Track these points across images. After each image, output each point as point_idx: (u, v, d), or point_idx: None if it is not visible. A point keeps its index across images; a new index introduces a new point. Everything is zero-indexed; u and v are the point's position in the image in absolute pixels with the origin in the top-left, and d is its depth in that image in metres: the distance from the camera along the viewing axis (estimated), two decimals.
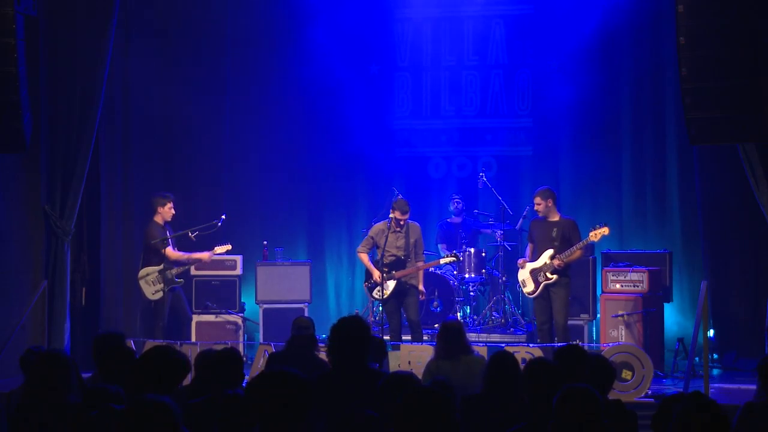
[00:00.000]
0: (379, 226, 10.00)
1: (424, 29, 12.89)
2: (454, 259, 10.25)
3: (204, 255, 10.66)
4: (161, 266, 10.41)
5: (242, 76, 12.59)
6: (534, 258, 9.75)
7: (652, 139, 11.88)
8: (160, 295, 10.37)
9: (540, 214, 9.72)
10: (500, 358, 5.51)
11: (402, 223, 9.81)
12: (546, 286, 9.58)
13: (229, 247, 10.81)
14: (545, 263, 9.55)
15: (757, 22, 8.23)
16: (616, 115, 12.10)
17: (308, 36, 12.44)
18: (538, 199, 9.67)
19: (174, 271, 10.56)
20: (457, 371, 6.60)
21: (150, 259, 10.53)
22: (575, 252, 9.51)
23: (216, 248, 10.77)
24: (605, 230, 9.45)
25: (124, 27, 11.10)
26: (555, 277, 9.52)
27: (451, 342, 6.81)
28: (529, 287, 9.71)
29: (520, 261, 9.90)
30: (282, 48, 12.59)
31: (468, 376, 6.54)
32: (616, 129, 12.10)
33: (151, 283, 10.47)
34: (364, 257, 10.03)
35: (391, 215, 9.82)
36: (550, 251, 9.54)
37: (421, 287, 10.00)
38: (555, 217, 9.71)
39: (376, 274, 9.79)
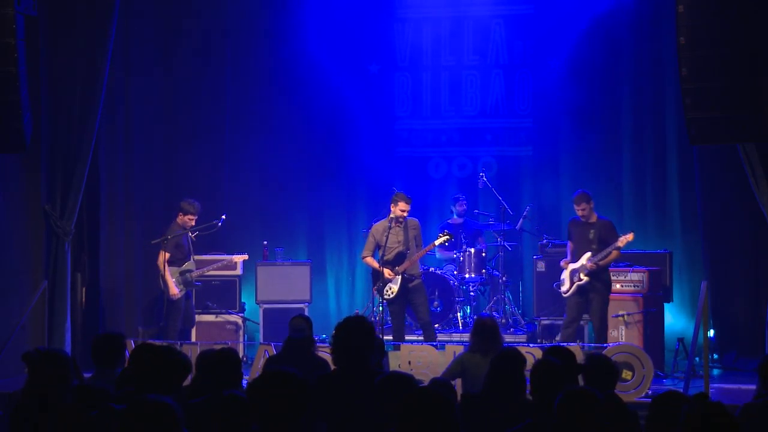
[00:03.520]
0: (378, 226, 9.96)
1: (424, 29, 12.88)
2: (447, 237, 10.02)
3: (172, 289, 10.37)
4: (182, 267, 10.50)
5: (242, 76, 12.59)
6: (574, 258, 9.81)
7: (652, 139, 11.89)
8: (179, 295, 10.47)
9: (583, 219, 9.74)
10: (505, 355, 5.51)
11: (405, 216, 9.76)
12: (582, 287, 9.62)
13: (246, 256, 11.09)
14: (582, 264, 9.64)
15: (757, 22, 8.23)
16: (616, 115, 12.10)
17: (308, 36, 12.44)
18: (582, 205, 9.68)
19: (195, 274, 10.59)
20: (486, 367, 6.66)
21: (174, 258, 10.55)
22: (608, 257, 9.57)
23: (234, 257, 10.99)
24: (630, 237, 9.52)
25: (125, 27, 11.09)
26: (586, 278, 9.56)
27: (487, 338, 6.97)
28: (565, 286, 9.83)
29: (563, 262, 9.96)
30: (281, 48, 12.58)
31: None
32: (616, 129, 12.11)
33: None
34: (371, 260, 9.95)
35: (393, 210, 9.75)
36: (588, 254, 9.61)
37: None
38: (592, 219, 9.74)
39: (387, 273, 9.75)
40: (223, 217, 10.79)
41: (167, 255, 10.37)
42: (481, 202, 12.38)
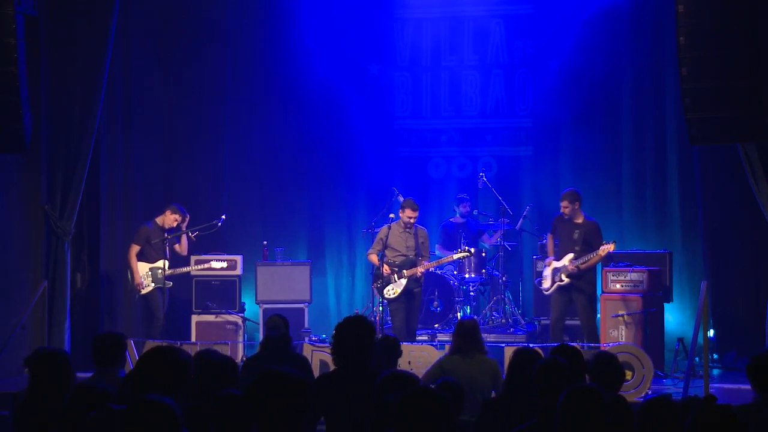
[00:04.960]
0: (386, 228, 10.09)
1: (423, 29, 12.88)
2: (467, 254, 10.28)
3: (138, 279, 10.58)
4: (154, 264, 10.55)
5: (242, 76, 12.59)
6: (557, 256, 9.83)
7: (652, 139, 11.89)
8: (147, 290, 10.58)
9: (566, 216, 9.75)
10: (523, 355, 5.49)
11: (412, 222, 9.88)
12: (566, 287, 9.63)
13: (224, 264, 11.01)
14: (564, 265, 9.63)
15: (757, 22, 8.24)
16: (616, 115, 12.10)
17: (308, 36, 12.45)
18: (565, 203, 9.71)
19: (163, 272, 10.56)
20: (468, 368, 6.66)
21: (144, 253, 10.62)
22: (589, 261, 9.59)
23: (211, 258, 10.99)
24: (611, 247, 9.54)
25: (125, 27, 11.09)
26: (567, 280, 9.56)
27: (466, 339, 6.91)
28: (546, 284, 9.86)
29: (548, 260, 9.98)
30: (281, 48, 12.58)
31: (478, 375, 6.64)
32: (616, 129, 12.11)
33: (142, 278, 10.56)
34: (375, 258, 10.07)
35: (401, 215, 9.91)
36: (571, 255, 9.60)
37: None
38: (579, 219, 9.74)
39: (385, 269, 9.89)
40: (223, 217, 10.80)
41: (137, 248, 10.59)
42: (481, 202, 12.38)
